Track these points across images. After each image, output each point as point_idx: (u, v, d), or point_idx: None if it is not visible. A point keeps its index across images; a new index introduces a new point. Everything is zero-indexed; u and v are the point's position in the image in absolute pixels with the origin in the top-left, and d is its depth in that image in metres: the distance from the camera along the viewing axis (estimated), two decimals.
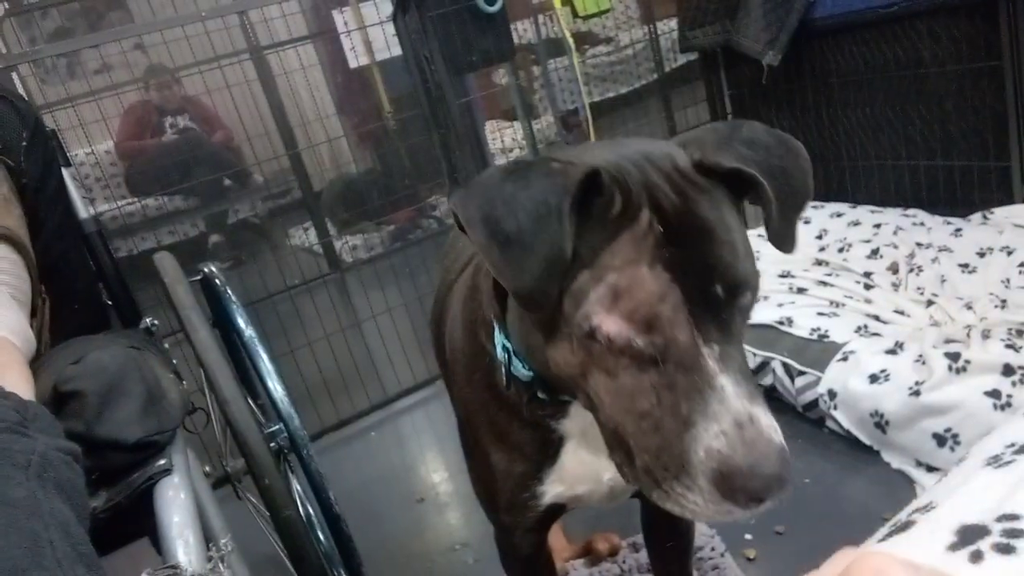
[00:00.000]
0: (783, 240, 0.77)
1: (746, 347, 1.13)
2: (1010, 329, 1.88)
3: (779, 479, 0.64)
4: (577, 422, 0.95)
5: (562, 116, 5.29)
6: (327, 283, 4.27)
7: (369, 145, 5.43)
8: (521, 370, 0.90)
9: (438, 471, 2.43)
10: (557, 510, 1.09)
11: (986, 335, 1.88)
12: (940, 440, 1.77)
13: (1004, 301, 2.13)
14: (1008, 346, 1.80)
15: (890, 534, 0.71)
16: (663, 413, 0.68)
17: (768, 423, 0.66)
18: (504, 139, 4.63)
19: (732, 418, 0.65)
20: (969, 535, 0.61)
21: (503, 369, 0.92)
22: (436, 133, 2.95)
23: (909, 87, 2.79)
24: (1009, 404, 1.69)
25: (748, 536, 1.74)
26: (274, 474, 1.38)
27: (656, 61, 4.67)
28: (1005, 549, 0.57)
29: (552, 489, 1.03)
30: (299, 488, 1.71)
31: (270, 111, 4.66)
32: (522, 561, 1.22)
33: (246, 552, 1.45)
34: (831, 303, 2.30)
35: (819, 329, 2.15)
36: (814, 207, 2.98)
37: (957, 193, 2.74)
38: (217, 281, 1.75)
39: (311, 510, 1.73)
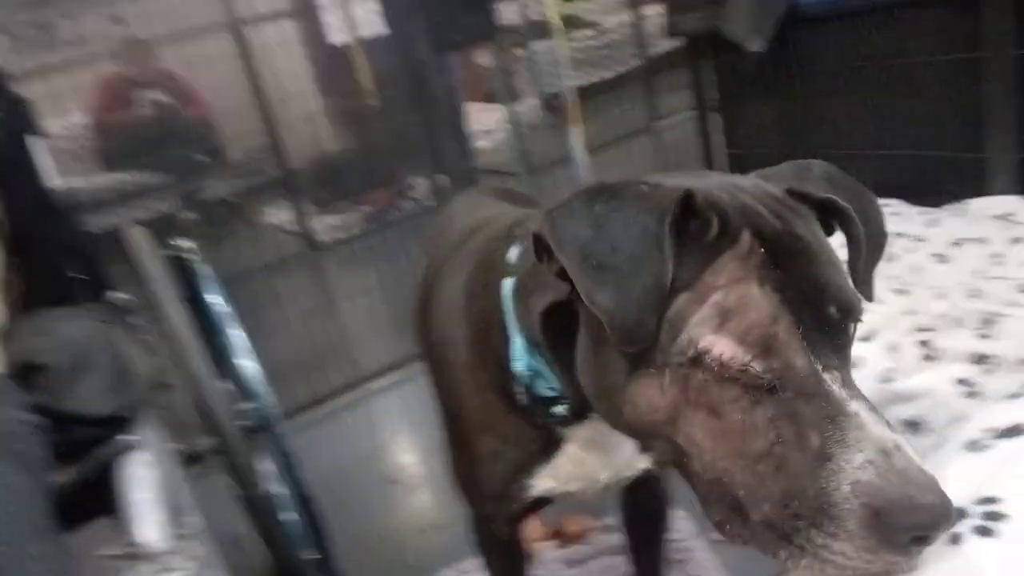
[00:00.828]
0: (866, 283, 0.73)
1: None
2: (981, 318, 1.90)
3: (945, 510, 0.56)
4: (588, 430, 0.91)
5: (545, 99, 5.25)
6: (303, 262, 4.22)
7: (349, 124, 5.37)
8: (544, 390, 0.87)
9: (410, 452, 2.43)
10: (543, 502, 1.08)
11: (958, 324, 1.90)
12: (910, 426, 1.79)
13: (976, 291, 2.15)
14: (979, 335, 1.82)
15: None
16: (787, 450, 0.60)
17: (914, 452, 0.58)
18: (486, 120, 4.59)
19: (876, 446, 0.57)
20: None
21: (519, 386, 0.88)
22: (417, 113, 2.91)
23: (892, 77, 2.80)
24: (978, 393, 1.71)
25: None
26: (244, 453, 1.36)
27: (640, 46, 4.65)
28: (984, 532, 0.58)
29: (542, 484, 1.01)
30: (271, 467, 1.69)
31: (248, 87, 4.57)
32: (497, 547, 1.21)
33: (216, 531, 1.43)
34: None
35: None
36: None
37: (933, 184, 2.76)
38: (191, 257, 1.72)
39: (283, 489, 1.71)
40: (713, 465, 0.64)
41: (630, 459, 1.02)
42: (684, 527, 1.73)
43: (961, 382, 1.74)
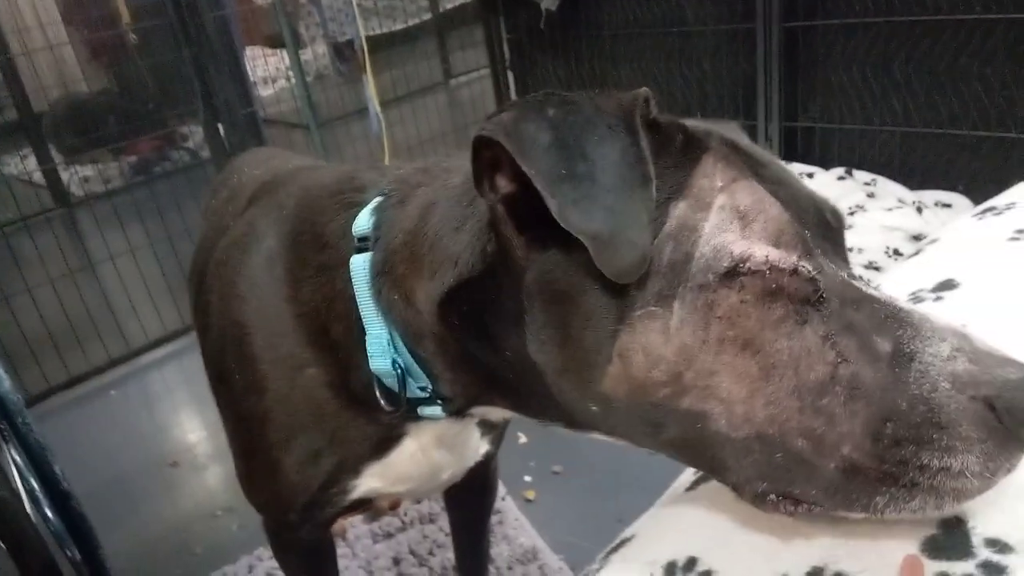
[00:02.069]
0: None
1: None
2: None
3: None
4: (442, 427, 0.79)
5: (334, 44, 4.97)
6: (51, 220, 3.68)
7: (104, 61, 4.72)
8: (415, 390, 0.71)
9: (194, 431, 2.19)
10: (360, 504, 0.92)
11: None
12: None
13: None
14: None
15: (697, 481, 0.69)
16: (857, 367, 0.49)
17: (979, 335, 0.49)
18: (268, 66, 4.23)
19: (954, 332, 0.48)
20: None
21: (376, 384, 0.72)
22: (187, 50, 2.59)
23: (673, 45, 2.94)
24: None
25: (527, 478, 1.76)
26: None
27: None
28: None
29: (367, 483, 0.86)
30: (16, 461, 1.43)
31: None
32: (302, 553, 1.04)
33: None
34: None
35: None
36: None
37: None
38: None
39: (34, 485, 1.47)
40: (751, 418, 0.51)
41: (476, 451, 0.92)
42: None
43: None
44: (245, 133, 2.79)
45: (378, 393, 0.73)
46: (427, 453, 0.84)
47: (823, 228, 0.55)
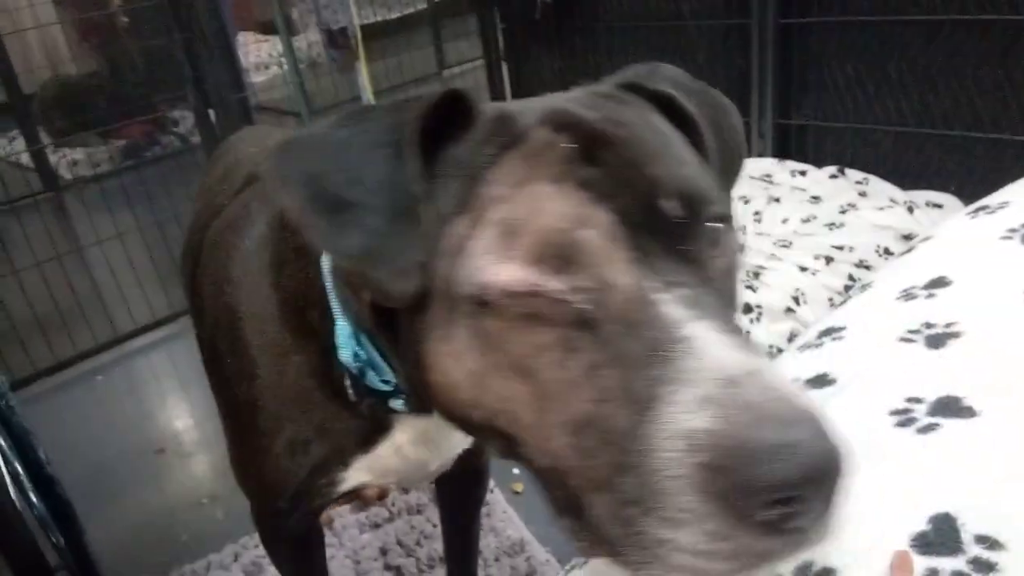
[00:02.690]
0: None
1: None
2: (747, 271, 2.05)
3: (823, 451, 0.38)
4: (426, 421, 0.77)
5: (327, 31, 4.93)
6: (39, 203, 3.63)
7: (94, 42, 4.67)
8: (378, 383, 0.70)
9: (181, 418, 2.18)
10: (349, 494, 0.91)
11: None
12: None
13: (741, 246, 2.34)
14: (747, 287, 1.97)
15: None
16: (612, 408, 0.43)
17: (781, 374, 0.42)
18: (260, 53, 4.20)
19: (718, 376, 0.40)
20: None
21: (348, 379, 0.71)
22: (178, 33, 2.56)
23: (668, 39, 2.93)
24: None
25: (516, 471, 1.75)
26: None
27: None
28: None
29: (356, 476, 0.85)
30: (1, 445, 1.42)
31: None
32: (290, 542, 1.03)
33: None
34: None
35: None
36: None
37: None
38: None
39: (18, 469, 1.46)
40: (544, 449, 0.47)
41: (461, 443, 0.91)
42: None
43: None
44: (236, 119, 2.77)
45: (347, 383, 0.72)
46: (415, 447, 0.83)
47: (657, 224, 0.48)
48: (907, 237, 2.20)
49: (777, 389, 0.40)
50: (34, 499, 1.42)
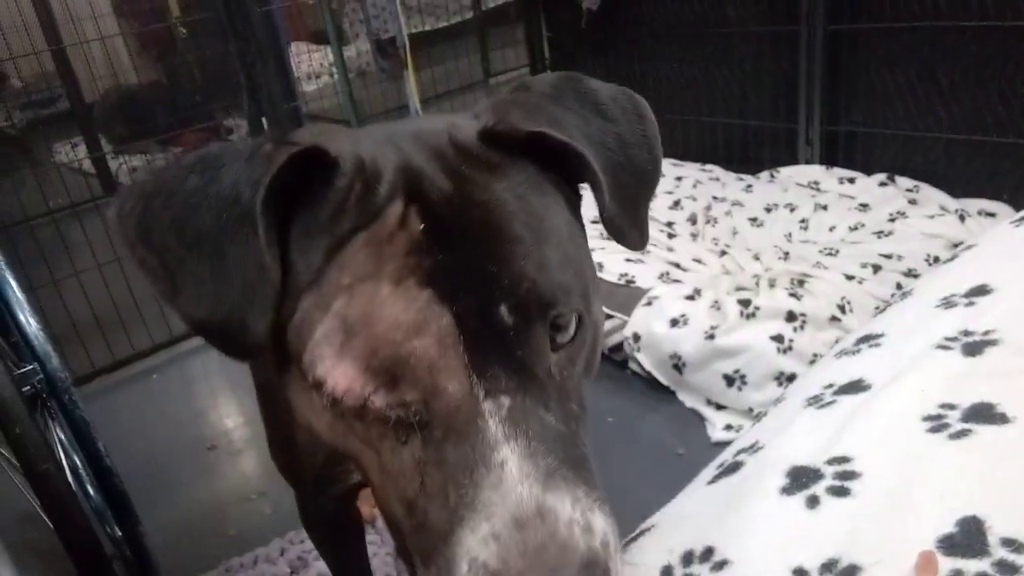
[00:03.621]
0: (622, 231, 0.58)
1: None
2: (792, 279, 2.04)
3: None
4: None
5: (377, 42, 5.03)
6: (100, 207, 3.78)
7: (153, 53, 4.84)
8: None
9: (231, 416, 2.25)
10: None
11: (772, 284, 2.03)
12: (729, 380, 1.89)
13: (787, 253, 2.31)
14: (791, 295, 1.95)
15: (718, 475, 0.70)
16: (428, 504, 0.47)
17: (570, 517, 0.45)
18: (312, 62, 4.30)
19: (510, 513, 0.44)
20: (801, 478, 0.61)
21: None
22: (234, 44, 2.65)
23: (714, 46, 2.92)
24: (791, 348, 1.83)
25: None
26: (26, 422, 1.17)
27: None
28: (839, 492, 0.58)
29: None
30: (62, 438, 1.48)
31: (30, 5, 3.97)
32: (327, 525, 1.08)
33: None
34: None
35: (627, 274, 2.21)
36: None
37: (749, 151, 2.94)
38: None
39: (77, 461, 1.52)
40: (382, 504, 0.53)
41: None
42: None
43: (775, 338, 1.86)
44: (288, 127, 2.85)
45: None
46: None
47: (492, 327, 0.48)
48: (958, 246, 2.16)
49: (557, 533, 0.43)
50: (91, 491, 1.48)
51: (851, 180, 2.58)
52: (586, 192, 0.61)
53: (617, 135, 0.59)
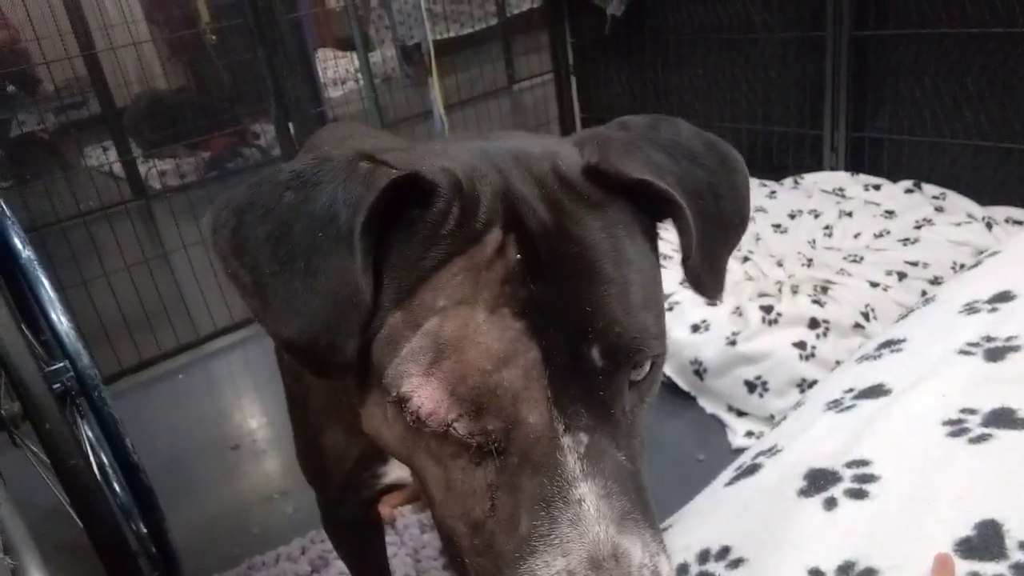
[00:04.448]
0: (705, 282, 0.58)
1: None
2: (815, 286, 2.02)
3: None
4: None
5: (402, 48, 5.07)
6: (129, 210, 3.84)
7: (183, 59, 4.93)
8: None
9: (255, 416, 2.27)
10: (396, 487, 0.97)
11: (795, 290, 2.01)
12: (750, 387, 1.88)
13: (810, 260, 2.30)
14: (814, 301, 1.94)
15: (736, 477, 0.71)
16: (498, 528, 0.48)
17: (640, 561, 0.46)
18: (338, 68, 4.36)
19: (587, 552, 0.45)
20: (819, 480, 0.61)
21: None
22: (261, 50, 2.69)
23: (739, 52, 2.91)
24: (813, 355, 1.82)
25: None
26: (56, 418, 1.20)
27: (499, 4, 4.58)
28: (857, 494, 0.58)
29: (396, 472, 0.91)
30: (90, 435, 1.51)
31: (64, 12, 4.06)
32: (348, 528, 1.10)
33: (25, 505, 1.26)
34: (660, 255, 2.38)
35: None
36: None
37: (774, 158, 2.92)
38: None
39: (104, 459, 1.55)
40: (442, 518, 0.53)
41: None
42: None
43: (797, 345, 1.85)
44: (314, 130, 2.88)
45: None
46: None
47: (578, 365, 0.49)
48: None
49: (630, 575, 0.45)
50: (118, 487, 1.51)
51: (876, 187, 2.56)
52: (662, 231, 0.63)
53: (710, 185, 0.59)
